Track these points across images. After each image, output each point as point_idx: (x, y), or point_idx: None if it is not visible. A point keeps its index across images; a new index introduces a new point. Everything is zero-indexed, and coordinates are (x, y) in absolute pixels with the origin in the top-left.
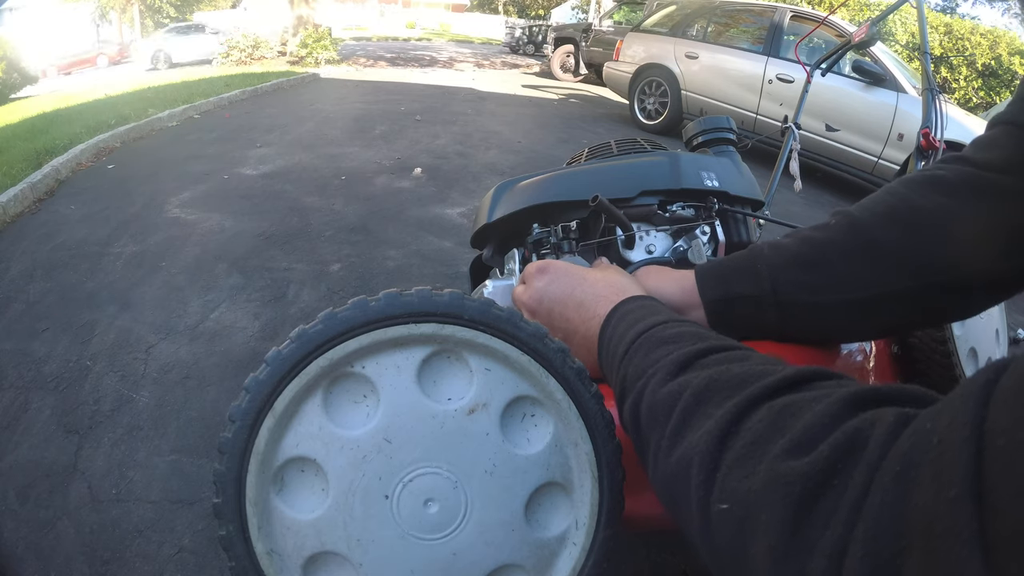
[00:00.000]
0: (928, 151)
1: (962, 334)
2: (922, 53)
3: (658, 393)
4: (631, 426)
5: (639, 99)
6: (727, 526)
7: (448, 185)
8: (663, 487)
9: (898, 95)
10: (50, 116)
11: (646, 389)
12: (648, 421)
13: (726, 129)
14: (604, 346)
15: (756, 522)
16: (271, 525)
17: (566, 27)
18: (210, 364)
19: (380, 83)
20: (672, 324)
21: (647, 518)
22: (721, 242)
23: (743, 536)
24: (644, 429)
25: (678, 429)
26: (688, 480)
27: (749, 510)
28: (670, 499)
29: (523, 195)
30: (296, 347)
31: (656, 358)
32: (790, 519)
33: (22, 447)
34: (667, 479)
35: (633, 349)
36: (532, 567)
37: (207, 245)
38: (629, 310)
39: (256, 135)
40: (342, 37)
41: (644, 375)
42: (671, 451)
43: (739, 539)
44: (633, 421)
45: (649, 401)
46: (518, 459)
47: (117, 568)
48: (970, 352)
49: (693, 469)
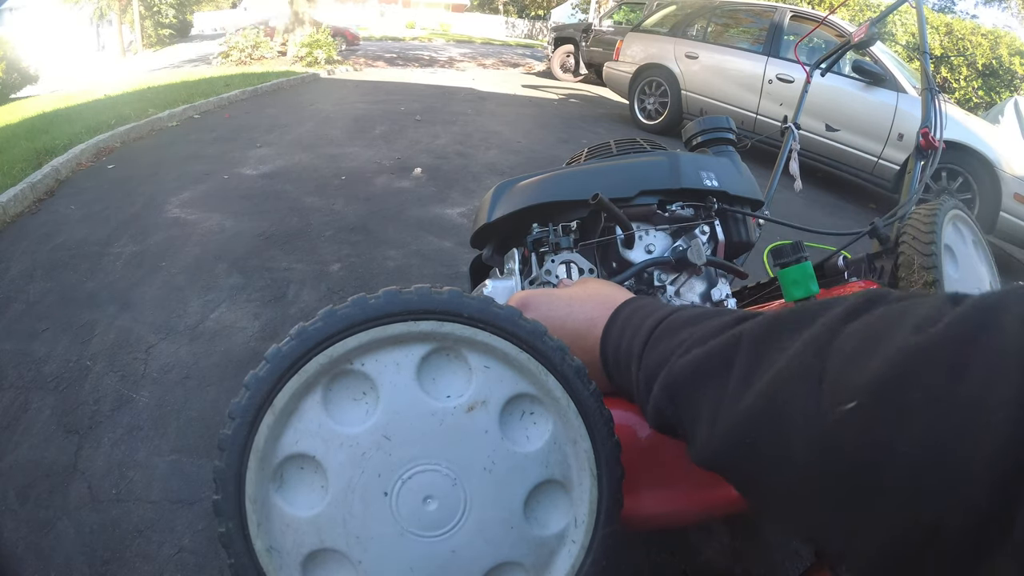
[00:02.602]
0: (928, 151)
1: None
2: (922, 53)
3: (701, 353)
4: (667, 402)
5: (639, 99)
6: (863, 419)
7: (448, 185)
8: (742, 432)
9: (898, 95)
10: (50, 116)
11: (682, 358)
12: (697, 380)
13: (726, 129)
14: (611, 355)
15: (908, 398)
16: (270, 522)
17: (566, 27)
18: (210, 364)
19: (380, 83)
20: (685, 309)
21: (646, 517)
22: (721, 241)
23: (890, 421)
24: (691, 393)
25: (749, 369)
26: (788, 404)
27: (884, 394)
28: (751, 444)
29: (523, 195)
30: (296, 344)
31: (684, 337)
32: (948, 375)
33: (22, 447)
34: (749, 420)
35: (653, 339)
36: (531, 565)
37: (207, 245)
38: (630, 313)
39: (256, 135)
40: None
41: (674, 352)
42: (743, 393)
43: (884, 427)
44: (670, 394)
45: (692, 364)
46: (517, 457)
47: (117, 568)
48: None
49: (795, 388)
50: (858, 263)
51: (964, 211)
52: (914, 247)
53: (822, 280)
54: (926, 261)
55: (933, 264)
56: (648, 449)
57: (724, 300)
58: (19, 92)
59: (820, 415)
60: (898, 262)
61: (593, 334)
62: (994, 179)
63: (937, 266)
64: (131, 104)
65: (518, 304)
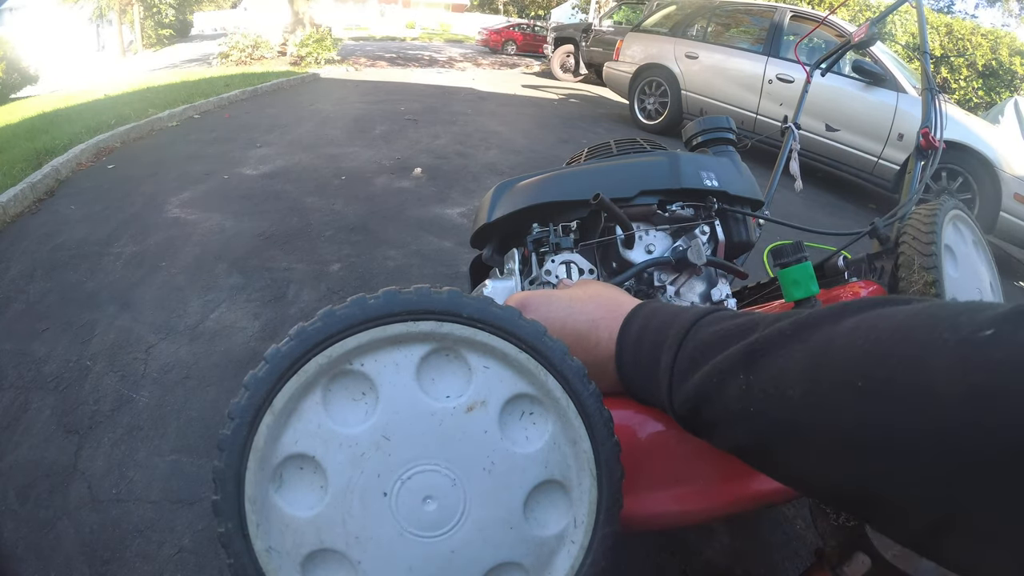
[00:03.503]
0: (928, 151)
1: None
2: (922, 53)
3: (784, 325)
4: (745, 372)
5: (639, 99)
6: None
7: (448, 185)
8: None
9: (898, 95)
10: (50, 116)
11: (768, 329)
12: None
13: (726, 129)
14: (631, 350)
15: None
16: (270, 522)
17: (566, 27)
18: (210, 364)
19: (380, 83)
20: (726, 310)
21: (646, 517)
22: (721, 241)
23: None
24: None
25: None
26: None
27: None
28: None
29: (523, 195)
30: (295, 344)
31: (742, 321)
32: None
33: (22, 447)
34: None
35: (697, 327)
36: (531, 565)
37: (207, 245)
38: (650, 312)
39: (256, 135)
40: (342, 37)
41: (750, 330)
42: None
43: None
44: (750, 361)
45: (781, 331)
46: (516, 457)
47: (117, 568)
48: None
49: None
50: (858, 263)
51: (964, 211)
52: (914, 247)
53: (822, 280)
54: (926, 261)
55: (933, 264)
56: (648, 449)
57: (724, 300)
58: (19, 92)
59: (960, 341)
60: (898, 262)
61: (595, 335)
62: (994, 179)
63: (937, 266)
64: (131, 104)
65: (517, 305)
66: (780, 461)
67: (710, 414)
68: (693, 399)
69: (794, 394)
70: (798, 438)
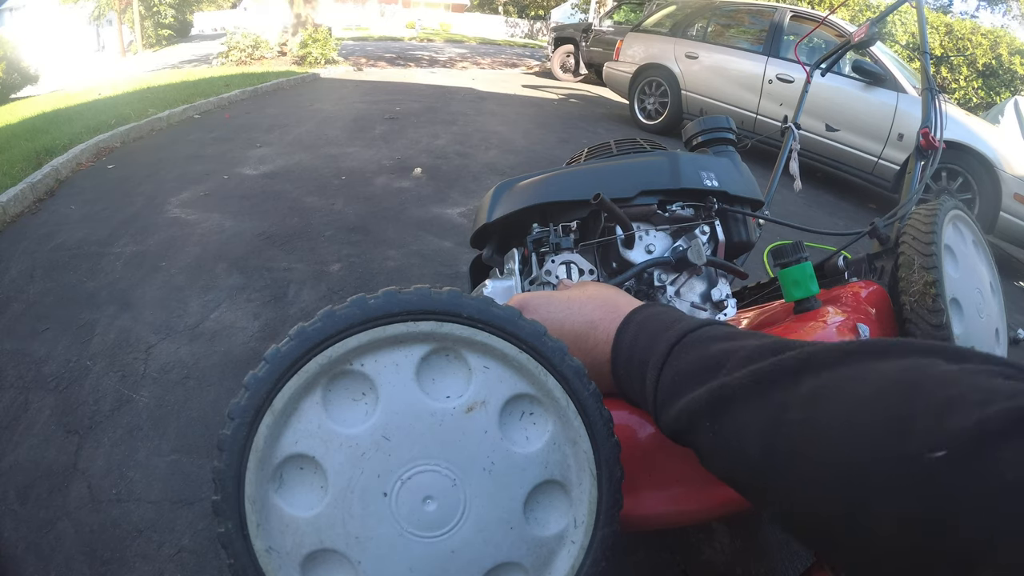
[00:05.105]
0: (928, 151)
1: (962, 333)
2: (922, 53)
3: (759, 370)
4: (710, 418)
5: (639, 99)
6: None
7: (448, 185)
8: (803, 449)
9: (898, 95)
10: (50, 116)
11: (735, 374)
12: (753, 397)
13: (726, 129)
14: (623, 359)
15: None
16: (270, 522)
17: (566, 27)
18: (210, 364)
19: (380, 83)
20: (708, 324)
21: (646, 517)
22: (721, 241)
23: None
24: (743, 408)
25: (817, 391)
26: (868, 431)
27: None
28: (809, 457)
29: (523, 195)
30: (295, 345)
31: (721, 351)
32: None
33: (22, 447)
34: (821, 438)
35: (677, 350)
36: (531, 565)
37: (207, 245)
38: (643, 319)
39: (256, 135)
40: (342, 37)
41: (720, 368)
42: (813, 413)
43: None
44: (716, 409)
45: (751, 378)
46: (516, 457)
47: (117, 568)
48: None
49: (876, 416)
50: (858, 263)
51: (964, 211)
52: (914, 247)
53: (822, 280)
54: (926, 261)
55: (933, 264)
56: (648, 450)
57: (724, 300)
58: (19, 92)
59: (907, 460)
60: (898, 262)
61: (593, 336)
62: (994, 179)
63: (937, 266)
64: (131, 104)
65: (518, 306)
66: (754, 502)
67: (688, 444)
68: (673, 428)
69: (753, 454)
70: (759, 495)
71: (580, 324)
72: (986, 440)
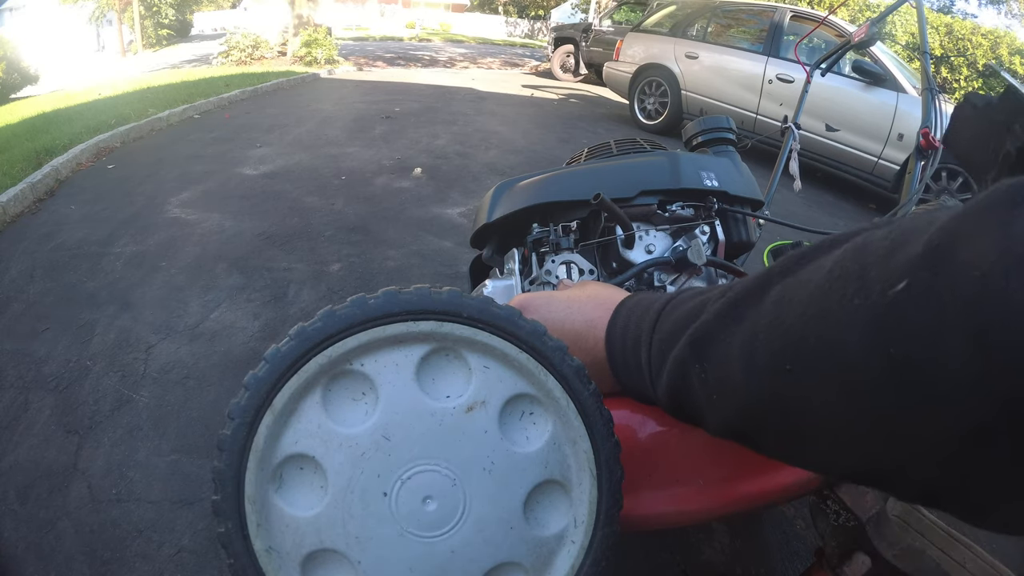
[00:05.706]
0: (928, 151)
1: None
2: (922, 53)
3: (731, 295)
4: (694, 358)
5: (639, 99)
6: (917, 291)
7: (448, 185)
8: (784, 357)
9: (898, 95)
10: (50, 116)
11: (713, 307)
12: (729, 323)
13: (726, 129)
14: (618, 346)
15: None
16: (270, 522)
17: (566, 27)
18: (210, 364)
19: (380, 83)
20: (687, 290)
21: (646, 517)
22: (721, 241)
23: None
24: (724, 338)
25: (785, 292)
26: (836, 308)
27: (938, 261)
28: (792, 371)
29: (523, 195)
30: (295, 344)
31: (699, 300)
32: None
33: (22, 447)
34: (795, 340)
35: (663, 317)
36: (530, 565)
37: (207, 245)
38: (632, 304)
39: (256, 135)
40: (342, 37)
41: (699, 311)
42: (783, 315)
43: (940, 294)
44: (699, 347)
45: (725, 305)
46: (516, 457)
47: (117, 568)
48: None
49: (840, 291)
50: None
51: None
52: None
53: None
54: None
55: None
56: (648, 449)
57: None
58: (19, 92)
59: (871, 306)
60: None
61: (592, 335)
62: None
63: None
64: (131, 104)
65: (518, 306)
66: (756, 443)
67: (688, 405)
68: (670, 392)
69: (740, 380)
70: (755, 423)
71: (580, 323)
72: (938, 253)
